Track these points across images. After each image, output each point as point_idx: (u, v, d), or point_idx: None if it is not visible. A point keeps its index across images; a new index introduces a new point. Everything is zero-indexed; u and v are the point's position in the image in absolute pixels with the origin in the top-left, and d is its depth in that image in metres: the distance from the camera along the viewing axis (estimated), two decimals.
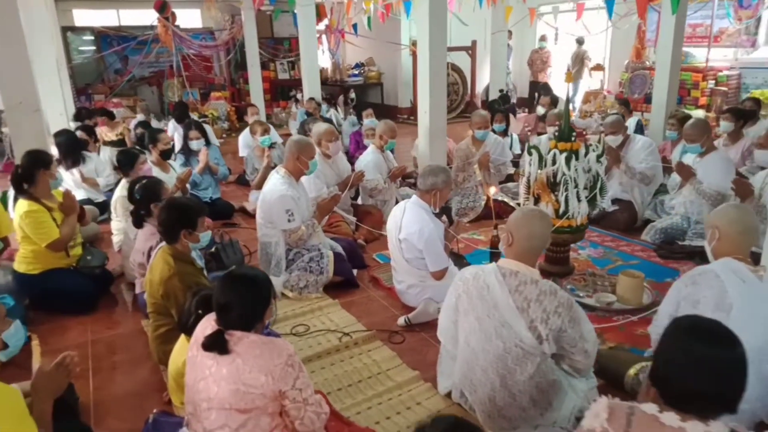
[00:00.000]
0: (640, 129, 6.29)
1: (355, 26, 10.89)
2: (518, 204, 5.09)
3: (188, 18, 12.22)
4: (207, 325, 2.02)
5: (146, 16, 10.71)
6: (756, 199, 3.71)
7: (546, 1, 8.71)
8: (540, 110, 6.80)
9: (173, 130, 6.82)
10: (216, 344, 1.91)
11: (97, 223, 4.99)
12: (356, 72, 12.61)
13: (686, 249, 4.07)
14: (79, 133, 5.53)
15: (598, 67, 10.40)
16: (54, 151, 4.81)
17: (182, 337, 2.38)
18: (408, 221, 3.25)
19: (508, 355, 2.19)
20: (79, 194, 4.81)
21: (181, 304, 2.50)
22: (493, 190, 3.95)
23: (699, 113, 7.80)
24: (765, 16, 8.14)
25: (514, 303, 2.17)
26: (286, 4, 9.52)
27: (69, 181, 5.01)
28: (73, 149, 5.12)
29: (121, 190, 4.07)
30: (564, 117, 3.63)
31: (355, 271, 3.86)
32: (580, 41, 10.33)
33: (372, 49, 12.16)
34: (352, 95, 11.64)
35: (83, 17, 11.82)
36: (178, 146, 5.75)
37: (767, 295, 2.10)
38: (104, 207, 5.27)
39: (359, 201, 4.98)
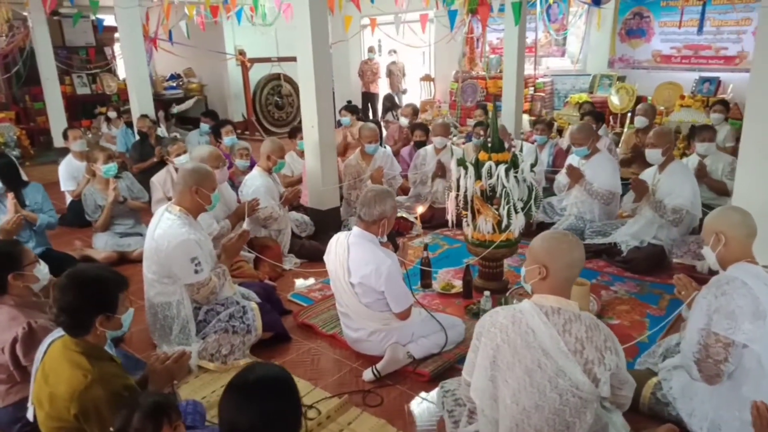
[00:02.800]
0: None
1: (169, 33, 9.72)
2: (416, 219, 4.88)
3: None
4: None
5: None
6: (651, 196, 3.97)
7: (380, 11, 8.70)
8: (404, 121, 6.69)
9: None
10: None
11: None
12: (173, 84, 11.33)
13: (591, 248, 4.20)
14: None
15: (427, 78, 10.78)
16: None
17: None
18: (358, 261, 2.74)
19: (565, 408, 1.87)
20: None
21: (106, 421, 1.71)
22: (421, 209, 3.65)
23: (524, 117, 8.49)
24: (570, 29, 9.18)
25: (566, 346, 1.86)
26: (87, 8, 8.06)
27: None
28: None
29: None
30: (492, 127, 3.47)
31: None
32: (392, 53, 10.65)
33: (191, 58, 11.00)
34: (175, 110, 10.43)
35: None
36: None
37: None
38: None
39: None
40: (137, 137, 6.88)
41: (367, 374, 2.71)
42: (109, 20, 8.86)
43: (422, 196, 5.18)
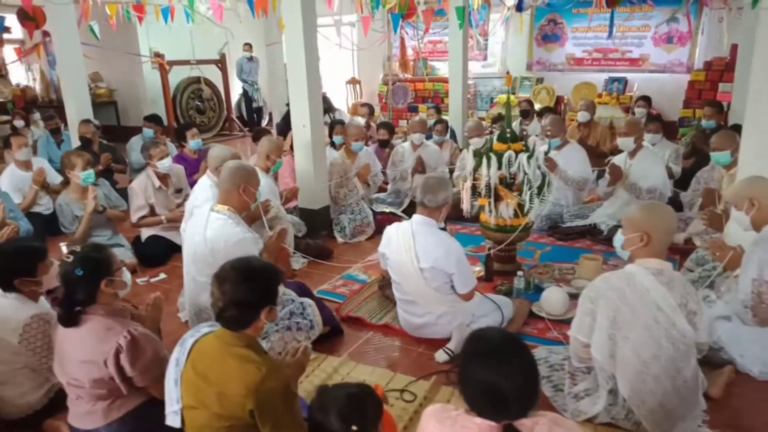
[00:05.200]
0: (453, 134, 6.82)
1: None
2: (402, 213, 5.01)
3: None
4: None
5: None
6: (626, 179, 4.43)
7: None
8: (359, 120, 6.78)
9: None
10: None
11: None
12: None
13: (575, 230, 4.60)
14: None
15: (354, 81, 10.93)
16: None
17: None
18: (426, 246, 2.84)
19: (677, 355, 2.13)
20: None
21: (280, 413, 1.69)
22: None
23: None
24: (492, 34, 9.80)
25: (674, 300, 2.12)
26: None
27: None
28: None
29: None
30: (507, 119, 3.71)
31: None
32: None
33: (98, 62, 10.20)
34: None
35: None
36: None
37: None
38: None
39: None
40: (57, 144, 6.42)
41: (440, 356, 2.81)
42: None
43: (402, 192, 5.33)
